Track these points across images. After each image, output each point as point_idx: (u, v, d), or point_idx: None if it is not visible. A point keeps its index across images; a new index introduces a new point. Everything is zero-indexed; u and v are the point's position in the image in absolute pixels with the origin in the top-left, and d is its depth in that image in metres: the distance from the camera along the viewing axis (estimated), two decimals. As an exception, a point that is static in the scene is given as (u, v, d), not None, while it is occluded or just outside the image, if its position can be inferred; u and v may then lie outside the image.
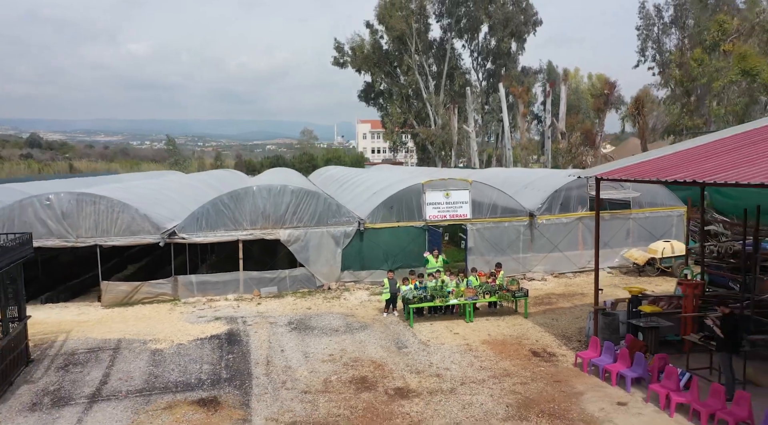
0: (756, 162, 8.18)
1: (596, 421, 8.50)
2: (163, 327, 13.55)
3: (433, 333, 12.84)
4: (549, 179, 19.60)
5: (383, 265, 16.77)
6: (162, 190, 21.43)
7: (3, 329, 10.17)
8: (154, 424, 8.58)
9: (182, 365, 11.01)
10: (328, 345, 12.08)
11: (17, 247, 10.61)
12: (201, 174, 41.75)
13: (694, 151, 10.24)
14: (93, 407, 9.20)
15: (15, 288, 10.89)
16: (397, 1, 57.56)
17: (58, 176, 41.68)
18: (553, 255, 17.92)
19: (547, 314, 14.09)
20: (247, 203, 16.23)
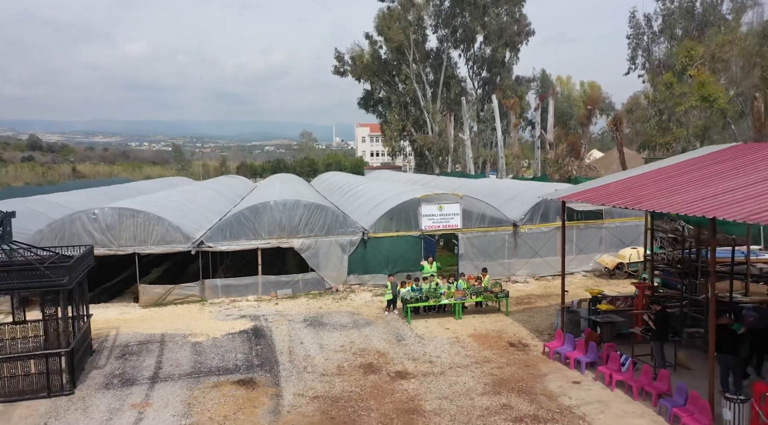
0: (683, 191, 10.49)
1: (554, 395, 10.82)
2: (197, 323, 15.85)
3: (428, 328, 15.15)
4: (532, 192, 21.95)
5: (384, 270, 19.09)
6: (184, 201, 23.68)
7: (76, 325, 12.46)
8: (207, 398, 10.88)
9: (220, 354, 13.33)
10: (339, 338, 14.39)
11: (86, 257, 12.92)
12: (210, 182, 43.93)
13: (640, 178, 12.57)
14: (155, 386, 11.51)
15: (81, 291, 13.19)
16: (395, 13, 59.93)
17: (76, 184, 43.81)
18: (534, 260, 20.26)
19: (525, 312, 16.42)
20: (265, 215, 18.54)
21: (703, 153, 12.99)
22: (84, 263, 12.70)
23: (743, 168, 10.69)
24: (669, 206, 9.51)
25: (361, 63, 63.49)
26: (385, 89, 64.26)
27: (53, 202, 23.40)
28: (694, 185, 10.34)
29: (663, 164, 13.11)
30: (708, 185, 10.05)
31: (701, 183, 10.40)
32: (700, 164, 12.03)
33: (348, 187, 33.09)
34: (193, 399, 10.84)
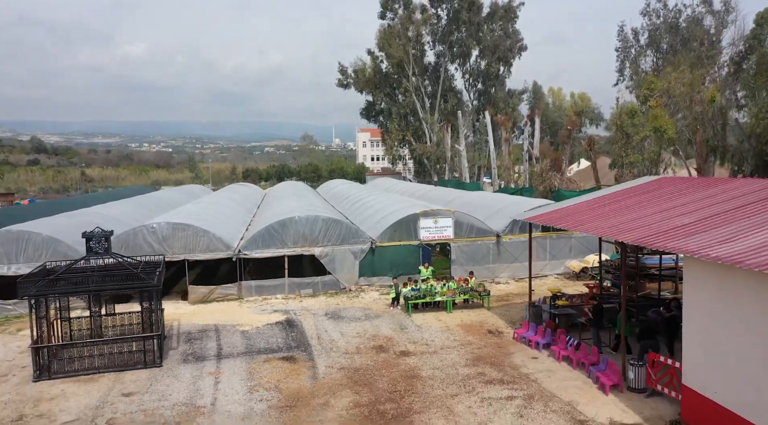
0: (606, 218, 14.41)
1: (516, 366, 14.74)
2: (240, 316, 19.77)
3: (425, 319, 19.06)
4: (515, 206, 25.88)
5: (389, 273, 23.02)
6: (215, 213, 27.56)
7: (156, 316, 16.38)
8: (262, 368, 14.80)
9: (264, 339, 17.25)
10: (354, 327, 18.30)
11: (161, 264, 16.83)
12: (227, 191, 47.54)
13: (583, 204, 16.51)
14: (221, 361, 15.43)
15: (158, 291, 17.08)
16: (395, 30, 63.90)
17: (104, 195, 47.39)
18: (514, 265, 24.19)
19: (503, 307, 20.35)
20: (291, 228, 22.47)
21: (635, 184, 16.95)
22: (162, 269, 16.63)
23: (654, 200, 14.63)
24: (594, 229, 13.46)
25: (363, 76, 67.49)
26: (386, 101, 68.24)
27: (104, 214, 27.24)
28: (615, 213, 14.28)
29: (603, 193, 17.06)
30: (624, 214, 13.98)
31: (620, 212, 14.33)
32: (628, 194, 15.97)
33: (354, 198, 36.92)
34: (252, 369, 14.76)
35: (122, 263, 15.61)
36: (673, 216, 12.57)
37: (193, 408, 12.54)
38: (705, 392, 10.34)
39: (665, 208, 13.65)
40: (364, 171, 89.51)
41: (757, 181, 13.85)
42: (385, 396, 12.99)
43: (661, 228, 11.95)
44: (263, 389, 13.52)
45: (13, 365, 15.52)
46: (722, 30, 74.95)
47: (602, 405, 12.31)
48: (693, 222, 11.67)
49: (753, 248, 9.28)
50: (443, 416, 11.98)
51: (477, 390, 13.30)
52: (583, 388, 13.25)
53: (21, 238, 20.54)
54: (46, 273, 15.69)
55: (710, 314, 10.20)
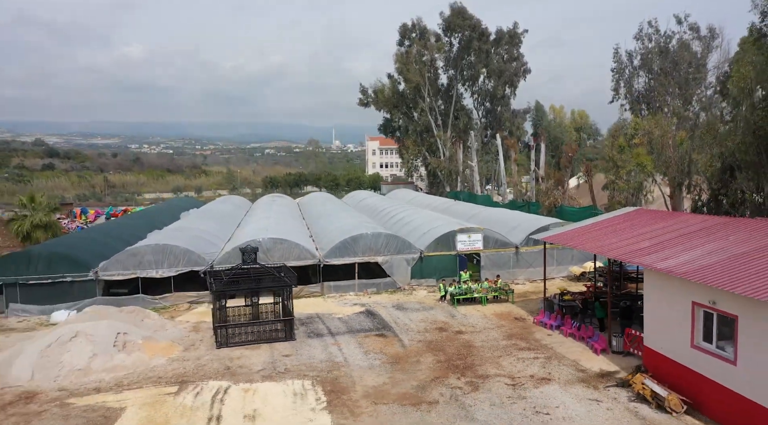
0: (598, 239, 21.49)
1: (537, 340, 21.80)
2: (330, 308, 26.80)
3: (467, 310, 26.12)
4: (527, 224, 32.98)
5: (434, 276, 30.09)
6: (291, 229, 34.51)
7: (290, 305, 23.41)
8: (365, 341, 21.83)
9: (357, 323, 24.30)
10: (417, 315, 25.35)
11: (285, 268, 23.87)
12: (274, 205, 54.14)
13: (581, 229, 23.60)
14: (335, 336, 22.46)
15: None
16: (412, 56, 71.07)
17: (167, 208, 53.90)
18: (529, 270, 31.27)
19: (523, 302, 27.42)
20: (361, 242, 29.53)
21: (618, 213, 24.07)
22: (289, 272, 23.67)
23: (629, 228, 21.72)
24: (590, 248, 20.56)
25: (382, 97, 74.65)
26: (403, 119, 75.39)
27: (203, 229, 34.19)
28: (603, 237, 21.38)
29: (596, 219, 24.17)
30: (610, 237, 21.08)
31: (607, 236, 21.43)
32: (612, 222, 23.10)
33: (389, 212, 43.75)
34: (359, 341, 21.82)
35: (266, 267, 22.68)
36: (640, 240, 19.66)
37: (333, 363, 19.59)
38: (654, 347, 17.41)
39: (635, 234, 20.74)
40: (378, 181, 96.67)
41: (700, 216, 20.96)
42: (455, 357, 20.08)
43: (631, 249, 19.05)
44: (373, 353, 20.59)
45: (192, 339, 22.54)
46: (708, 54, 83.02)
47: (595, 361, 19.40)
48: (650, 245, 18.76)
49: (680, 263, 16.35)
50: (494, 367, 19.05)
51: (513, 353, 20.38)
52: (583, 352, 20.34)
53: (165, 250, 27.57)
54: (213, 275, 22.74)
55: (657, 301, 17.28)
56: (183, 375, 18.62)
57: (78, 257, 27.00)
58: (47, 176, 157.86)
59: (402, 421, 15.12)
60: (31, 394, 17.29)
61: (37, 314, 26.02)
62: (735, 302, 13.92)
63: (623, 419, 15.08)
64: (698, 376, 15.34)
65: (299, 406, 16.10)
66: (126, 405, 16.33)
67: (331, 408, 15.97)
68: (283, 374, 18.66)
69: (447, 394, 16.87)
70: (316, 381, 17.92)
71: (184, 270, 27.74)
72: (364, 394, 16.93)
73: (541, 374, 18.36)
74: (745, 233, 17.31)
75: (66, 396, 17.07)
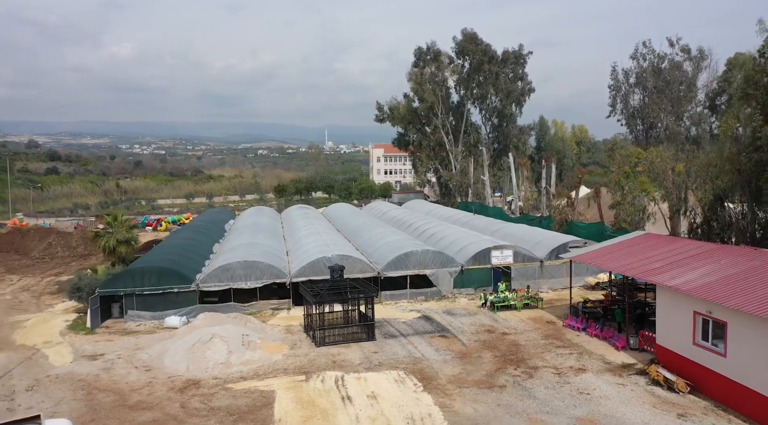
0: (617, 259, 27.19)
1: (569, 340, 27.45)
2: (391, 313, 32.26)
3: (505, 315, 31.73)
4: (548, 241, 38.65)
5: (472, 285, 35.68)
6: (343, 245, 39.92)
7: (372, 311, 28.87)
8: (431, 341, 27.34)
9: (419, 326, 29.82)
10: (466, 320, 30.92)
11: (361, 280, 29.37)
12: (309, 218, 59.20)
13: (602, 250, 29.31)
14: (406, 337, 27.98)
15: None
16: (426, 77, 76.69)
17: (210, 224, 58.78)
18: (551, 280, 36.94)
19: (551, 308, 33.07)
20: (412, 258, 35.05)
21: (630, 237, 29.80)
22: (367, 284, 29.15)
23: (641, 250, 27.42)
24: (612, 268, 26.27)
25: (398, 114, 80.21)
26: (417, 135, 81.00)
27: (264, 244, 39.52)
28: (620, 258, 27.08)
29: (613, 241, 29.88)
30: (625, 258, 26.77)
31: (623, 257, 27.13)
32: (626, 245, 28.81)
33: (418, 226, 49.10)
34: (427, 341, 27.34)
35: (350, 280, 28.18)
36: (652, 262, 25.36)
37: (414, 358, 25.09)
38: (665, 344, 23.08)
39: (647, 256, 26.45)
40: (389, 189, 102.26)
41: (697, 242, 26.71)
42: (507, 353, 25.67)
43: (646, 269, 24.74)
44: (442, 350, 26.14)
45: (291, 339, 27.91)
46: (698, 74, 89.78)
47: (617, 356, 25.06)
48: (660, 266, 24.46)
49: (684, 282, 22.03)
50: (540, 360, 24.66)
51: (552, 350, 26.01)
52: (607, 349, 25.99)
53: (252, 265, 32.95)
54: (304, 286, 28.18)
55: (667, 310, 22.95)
56: (302, 367, 24.06)
57: (182, 271, 32.32)
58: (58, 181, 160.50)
59: (485, 398, 20.69)
60: (195, 381, 22.67)
61: (149, 319, 31.31)
62: (725, 312, 19.63)
63: (644, 397, 20.74)
64: (698, 365, 21.05)
65: (403, 389, 21.61)
66: (273, 388, 21.76)
67: (427, 390, 21.49)
68: (379, 366, 24.15)
69: (510, 380, 22.47)
70: (407, 372, 23.44)
71: (268, 282, 33.13)
72: (448, 380, 22.48)
73: (577, 365, 24.00)
74: (733, 258, 23.07)
75: (222, 383, 22.47)
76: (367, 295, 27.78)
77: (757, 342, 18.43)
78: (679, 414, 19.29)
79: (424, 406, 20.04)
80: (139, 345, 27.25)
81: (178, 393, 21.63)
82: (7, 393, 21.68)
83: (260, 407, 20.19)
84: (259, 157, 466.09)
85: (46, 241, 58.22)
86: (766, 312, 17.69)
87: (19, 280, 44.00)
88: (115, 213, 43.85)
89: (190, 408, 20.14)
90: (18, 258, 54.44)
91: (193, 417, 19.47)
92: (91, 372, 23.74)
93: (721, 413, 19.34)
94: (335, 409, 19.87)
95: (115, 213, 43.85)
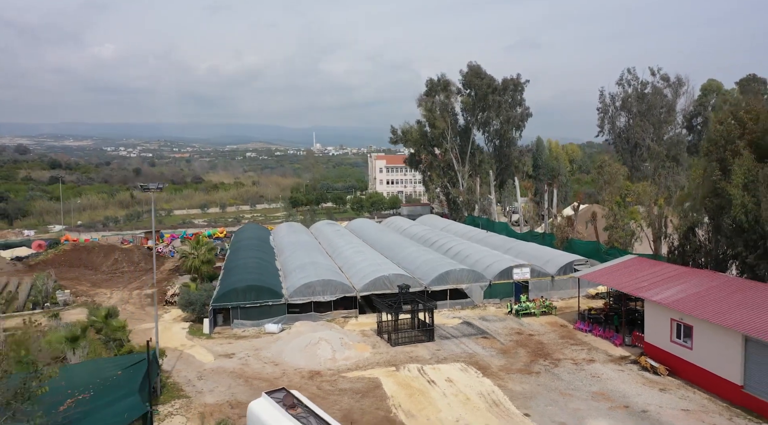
0: (617, 278, 36.39)
1: (579, 338, 36.58)
2: (439, 320, 41.04)
3: (527, 321, 40.77)
4: (559, 258, 47.84)
5: (497, 296, 44.75)
6: (388, 263, 48.72)
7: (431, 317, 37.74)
8: (478, 341, 36.31)
9: (464, 329, 38.76)
10: (497, 324, 39.91)
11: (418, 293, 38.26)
12: (344, 236, 67.70)
13: (605, 270, 38.54)
14: (458, 339, 36.89)
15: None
16: (436, 105, 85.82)
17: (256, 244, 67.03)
18: (560, 292, 46.12)
19: (562, 315, 42.22)
20: (451, 274, 43.98)
21: (624, 259, 39.07)
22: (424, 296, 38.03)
23: (632, 271, 36.62)
24: (612, 285, 35.46)
25: (411, 137, 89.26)
26: (428, 157, 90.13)
27: (317, 262, 48.18)
28: (617, 277, 36.29)
29: (611, 264, 39.09)
30: (620, 277, 35.98)
31: (618, 277, 36.34)
32: (619, 267, 38.05)
33: (442, 244, 57.95)
34: (473, 341, 36.30)
35: (412, 294, 37.05)
36: (640, 281, 34.56)
37: (469, 354, 33.99)
38: (651, 342, 32.26)
39: (637, 276, 35.65)
40: (398, 202, 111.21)
41: (674, 266, 36.02)
42: (536, 349, 34.71)
43: (637, 286, 33.94)
44: (487, 347, 35.08)
45: (370, 341, 36.61)
46: (676, 99, 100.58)
47: (616, 351, 34.21)
48: (648, 285, 33.65)
49: (664, 297, 31.21)
50: (561, 354, 33.72)
51: (568, 347, 35.11)
52: (608, 345, 35.13)
53: (328, 283, 41.66)
54: (382, 298, 36.97)
55: (652, 317, 32.14)
56: (389, 361, 32.87)
57: (273, 288, 40.97)
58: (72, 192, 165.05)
59: (528, 380, 29.68)
60: (316, 372, 31.37)
61: (250, 326, 39.86)
62: (692, 319, 28.83)
63: (637, 378, 29.87)
64: (674, 356, 30.26)
65: (468, 375, 30.52)
66: (376, 376, 30.54)
67: (486, 376, 30.42)
68: (445, 360, 33.04)
69: (542, 369, 31.49)
70: (467, 363, 32.35)
71: (340, 296, 41.87)
72: (498, 369, 31.45)
73: (588, 357, 33.12)
74: (698, 279, 32.35)
75: (337, 373, 31.20)
76: (427, 306, 36.68)
77: (713, 340, 27.68)
78: (660, 389, 28.49)
79: (487, 386, 29.00)
80: (255, 346, 35.87)
81: (309, 380, 30.34)
82: (186, 380, 30.22)
83: (373, 388, 28.99)
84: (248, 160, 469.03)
85: (111, 257, 66.24)
86: (718, 320, 26.95)
87: (113, 293, 52.20)
88: (198, 238, 52.14)
89: (325, 390, 28.88)
90: (92, 273, 62.46)
91: (331, 395, 28.21)
92: (235, 366, 32.34)
93: (689, 388, 28.56)
94: (426, 389, 28.74)
95: (198, 238, 52.14)
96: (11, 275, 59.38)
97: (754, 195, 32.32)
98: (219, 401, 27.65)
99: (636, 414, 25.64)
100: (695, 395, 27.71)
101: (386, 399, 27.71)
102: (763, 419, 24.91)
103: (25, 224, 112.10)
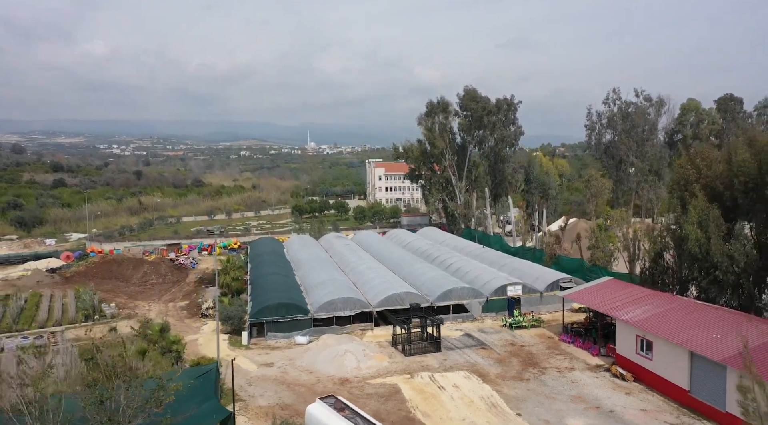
0: (595, 297, 43.19)
1: (563, 349, 43.32)
2: (443, 332, 47.77)
3: (520, 333, 47.47)
4: (547, 275, 54.61)
5: (493, 310, 51.46)
6: (397, 280, 55.30)
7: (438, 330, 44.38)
8: (477, 351, 42.95)
9: (466, 341, 45.40)
10: (494, 336, 46.59)
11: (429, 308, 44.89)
12: (350, 250, 74.16)
13: (584, 290, 45.35)
14: (460, 349, 43.54)
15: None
16: (436, 125, 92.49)
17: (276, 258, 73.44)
18: (547, 306, 52.88)
19: (549, 327, 48.97)
20: (454, 292, 50.60)
21: (602, 281, 45.88)
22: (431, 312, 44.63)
23: (607, 292, 43.42)
24: (590, 304, 42.28)
25: (412, 155, 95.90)
26: (428, 173, 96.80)
27: (339, 279, 54.69)
28: (597, 297, 43.05)
29: (591, 284, 45.88)
30: (597, 297, 42.76)
31: (596, 297, 43.13)
32: (597, 288, 44.86)
33: (443, 259, 64.53)
34: (474, 352, 42.96)
35: (421, 309, 43.66)
36: (614, 301, 41.32)
37: (471, 363, 40.64)
38: (621, 353, 39.01)
39: (611, 297, 42.42)
40: (398, 212, 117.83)
41: (642, 288, 42.87)
42: (527, 358, 41.42)
43: (611, 306, 40.71)
44: (485, 357, 41.74)
45: (387, 351, 43.15)
46: (658, 118, 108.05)
47: (593, 360, 40.98)
48: (619, 305, 40.42)
49: (631, 316, 37.97)
50: (547, 363, 40.46)
51: (553, 356, 41.86)
52: (587, 356, 41.90)
53: (348, 300, 48.21)
54: (393, 313, 43.57)
55: (622, 333, 38.89)
56: (404, 369, 39.45)
57: (300, 305, 47.48)
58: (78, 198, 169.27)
59: (519, 386, 36.37)
60: (345, 379, 37.90)
61: (281, 338, 46.32)
62: (652, 336, 35.62)
63: (608, 384, 36.63)
64: (638, 366, 37.06)
65: (471, 382, 37.15)
66: (395, 382, 37.11)
67: (485, 382, 37.06)
68: (451, 368, 39.67)
69: (532, 376, 38.20)
70: (469, 371, 38.99)
71: (358, 311, 48.42)
72: (496, 376, 38.12)
73: (569, 366, 39.86)
74: (661, 301, 39.16)
75: (363, 380, 37.74)
76: (435, 321, 43.33)
77: (668, 353, 34.50)
78: (626, 392, 35.29)
79: (487, 390, 35.68)
80: (289, 356, 42.37)
81: (340, 385, 36.88)
82: (238, 387, 36.65)
83: (394, 393, 35.59)
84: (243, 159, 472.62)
85: (140, 270, 72.41)
86: (671, 338, 33.78)
87: (150, 306, 58.48)
88: (229, 257, 58.48)
89: (354, 394, 35.42)
90: (124, 285, 68.62)
91: (360, 398, 34.75)
92: (276, 374, 38.83)
93: (649, 392, 35.36)
94: (437, 393, 35.38)
95: (229, 257, 58.48)
96: (52, 288, 65.47)
97: (706, 232, 39.14)
98: (270, 404, 34.15)
99: (605, 414, 32.40)
100: (653, 397, 34.50)
101: (405, 401, 34.31)
102: (704, 417, 31.72)
103: (42, 232, 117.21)
